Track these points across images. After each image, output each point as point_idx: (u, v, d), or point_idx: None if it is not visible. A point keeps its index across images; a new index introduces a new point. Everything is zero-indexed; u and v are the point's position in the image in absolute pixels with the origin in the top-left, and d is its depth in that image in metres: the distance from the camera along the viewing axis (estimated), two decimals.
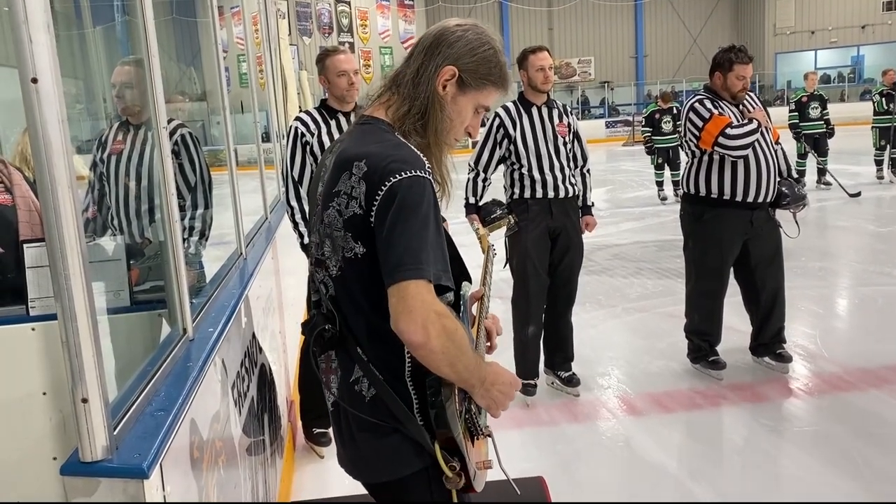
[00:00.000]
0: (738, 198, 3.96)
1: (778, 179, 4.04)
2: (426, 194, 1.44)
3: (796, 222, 4.16)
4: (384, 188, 1.43)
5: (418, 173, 1.44)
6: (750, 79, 3.99)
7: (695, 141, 3.99)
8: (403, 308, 1.39)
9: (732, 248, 4.08)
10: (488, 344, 1.81)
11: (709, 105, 3.96)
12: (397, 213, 1.42)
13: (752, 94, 4.12)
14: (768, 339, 4.24)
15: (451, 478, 1.50)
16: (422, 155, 1.50)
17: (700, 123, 3.93)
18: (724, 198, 3.99)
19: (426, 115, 1.55)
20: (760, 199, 3.96)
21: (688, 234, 4.26)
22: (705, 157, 4.02)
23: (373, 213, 1.44)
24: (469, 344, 1.49)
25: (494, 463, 1.64)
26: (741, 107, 4.02)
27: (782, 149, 4.20)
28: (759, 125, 3.90)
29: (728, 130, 3.85)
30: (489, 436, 1.62)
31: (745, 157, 3.90)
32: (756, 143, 3.89)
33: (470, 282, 1.73)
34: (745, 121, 3.93)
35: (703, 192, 4.06)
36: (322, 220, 1.54)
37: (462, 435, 1.51)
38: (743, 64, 3.92)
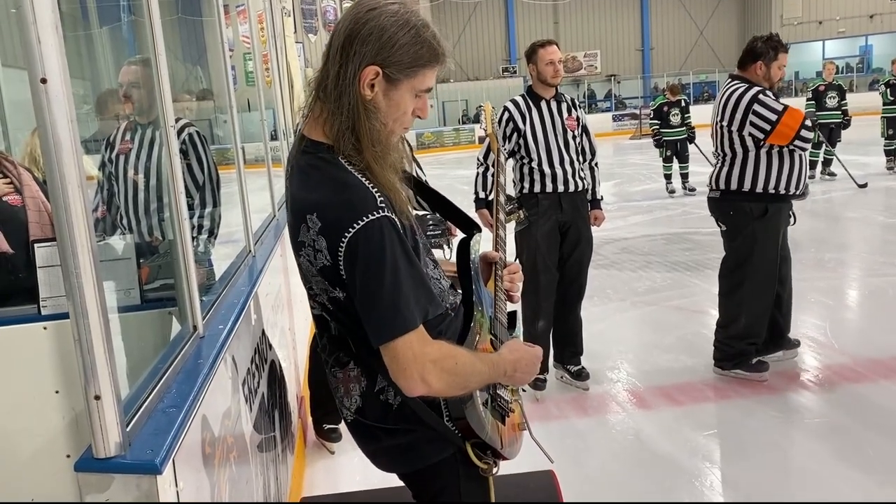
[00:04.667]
0: (791, 190, 3.90)
1: None
2: (385, 236, 1.38)
3: (792, 212, 4.12)
4: (342, 245, 1.39)
5: (370, 216, 1.38)
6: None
7: (762, 135, 3.77)
8: (397, 367, 1.39)
9: (779, 243, 4.02)
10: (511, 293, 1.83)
11: (772, 97, 3.82)
12: (363, 270, 1.38)
13: None
14: (788, 331, 4.23)
15: (486, 469, 1.55)
16: (368, 182, 1.43)
17: (773, 117, 3.73)
18: (781, 191, 3.87)
19: (356, 129, 1.43)
20: (801, 191, 3.96)
21: (745, 233, 3.98)
22: (762, 152, 3.83)
23: (341, 266, 1.42)
24: (476, 360, 1.49)
25: (525, 424, 1.71)
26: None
27: None
28: None
29: (808, 123, 3.77)
30: (521, 393, 1.67)
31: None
32: None
33: (479, 231, 1.72)
34: None
35: (760, 187, 3.86)
36: (300, 266, 1.52)
37: (491, 429, 1.54)
38: (785, 53, 3.89)
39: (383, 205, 1.41)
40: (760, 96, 3.80)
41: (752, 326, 4.06)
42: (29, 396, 1.77)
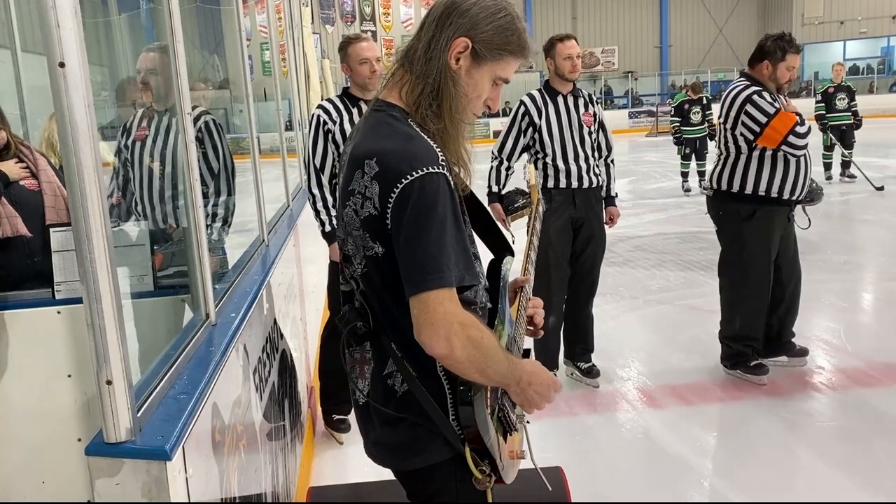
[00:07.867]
0: (786, 195, 3.80)
1: None
2: (441, 192, 1.39)
3: (806, 215, 4.03)
4: (396, 191, 1.38)
5: (430, 169, 1.39)
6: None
7: (752, 137, 3.74)
8: (425, 320, 1.37)
9: (775, 246, 3.92)
10: (531, 328, 1.80)
11: (769, 99, 3.72)
12: (413, 218, 1.37)
13: None
14: (788, 337, 4.14)
15: (481, 479, 1.49)
16: (435, 145, 1.46)
17: (763, 119, 3.67)
18: (773, 195, 3.80)
19: (439, 95, 1.47)
20: (801, 196, 3.85)
21: (733, 234, 3.97)
22: (755, 153, 3.79)
23: (388, 216, 1.41)
24: (499, 347, 1.46)
25: (526, 453, 1.65)
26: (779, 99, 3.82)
27: None
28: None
29: (798, 129, 3.64)
30: (526, 424, 1.62)
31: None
32: None
33: (512, 255, 1.71)
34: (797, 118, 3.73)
35: (749, 189, 3.83)
36: (342, 217, 1.52)
37: (494, 436, 1.50)
38: (795, 54, 3.72)
39: (444, 163, 1.43)
40: (754, 97, 3.72)
41: (745, 328, 4.02)
42: (42, 380, 1.79)
